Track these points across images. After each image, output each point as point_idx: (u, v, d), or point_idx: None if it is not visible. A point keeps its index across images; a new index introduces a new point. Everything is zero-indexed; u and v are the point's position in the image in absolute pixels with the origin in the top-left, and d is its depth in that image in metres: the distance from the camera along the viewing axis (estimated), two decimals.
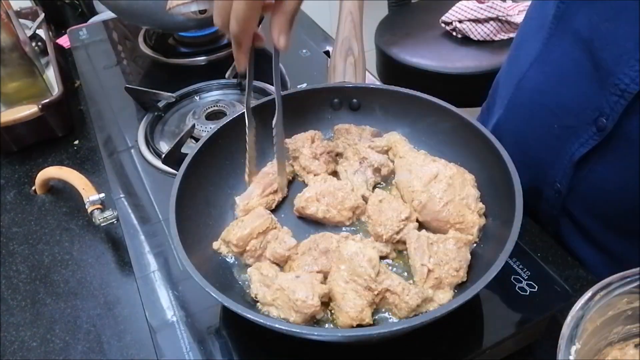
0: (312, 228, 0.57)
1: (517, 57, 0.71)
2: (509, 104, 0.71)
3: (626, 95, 0.52)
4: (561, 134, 0.61)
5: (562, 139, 0.61)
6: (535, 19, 0.66)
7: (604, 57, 0.53)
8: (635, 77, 0.50)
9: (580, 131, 0.58)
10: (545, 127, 0.63)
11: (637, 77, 0.50)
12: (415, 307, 0.46)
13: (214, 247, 0.55)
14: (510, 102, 0.71)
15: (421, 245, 0.50)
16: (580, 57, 0.57)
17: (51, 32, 1.10)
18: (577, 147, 0.59)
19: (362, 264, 0.47)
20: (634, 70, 0.50)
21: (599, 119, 0.55)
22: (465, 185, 0.54)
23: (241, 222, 0.55)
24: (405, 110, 0.65)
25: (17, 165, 0.85)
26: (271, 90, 0.88)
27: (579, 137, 0.59)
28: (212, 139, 0.60)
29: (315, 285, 0.47)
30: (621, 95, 0.52)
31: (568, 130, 0.60)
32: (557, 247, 0.63)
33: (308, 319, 0.46)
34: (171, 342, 0.51)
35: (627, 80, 0.51)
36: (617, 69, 0.52)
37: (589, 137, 0.58)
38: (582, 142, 0.59)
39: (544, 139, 0.60)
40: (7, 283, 0.66)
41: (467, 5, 1.49)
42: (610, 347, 0.44)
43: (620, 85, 0.52)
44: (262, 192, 0.59)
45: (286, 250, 0.53)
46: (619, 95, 0.52)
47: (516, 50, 0.73)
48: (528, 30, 0.69)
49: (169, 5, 0.85)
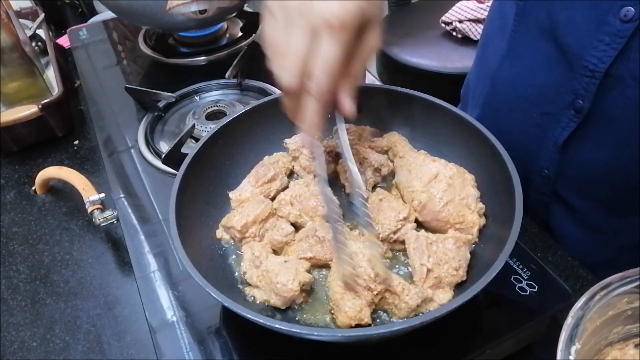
0: None
1: (484, 58, 0.74)
2: (485, 102, 0.73)
3: (596, 75, 0.54)
4: (542, 121, 0.63)
5: (544, 126, 0.63)
6: (497, 20, 0.69)
7: (569, 43, 0.56)
8: (601, 56, 0.53)
9: (560, 116, 0.60)
10: (526, 118, 0.65)
11: (603, 56, 0.53)
12: (415, 308, 0.46)
13: (217, 236, 0.56)
14: (487, 100, 0.72)
15: (420, 245, 0.50)
16: (546, 47, 0.59)
17: (51, 32, 1.10)
18: (560, 132, 0.61)
19: (362, 264, 0.47)
20: (599, 50, 0.53)
21: (576, 101, 0.58)
22: (465, 185, 0.54)
23: (242, 208, 0.55)
24: (405, 110, 0.65)
25: (17, 165, 0.85)
26: (271, 90, 0.88)
27: (559, 122, 0.61)
28: (212, 139, 0.59)
29: (299, 272, 0.48)
30: (592, 76, 0.55)
31: (548, 117, 0.62)
32: (557, 247, 0.63)
33: (287, 302, 0.48)
34: (171, 342, 0.51)
35: (595, 60, 0.54)
36: (584, 51, 0.54)
37: (569, 121, 0.60)
38: (563, 126, 0.60)
39: (526, 129, 0.62)
40: (7, 283, 0.66)
41: (467, 5, 1.49)
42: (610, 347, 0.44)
43: (589, 66, 0.54)
44: (255, 183, 0.59)
45: (284, 237, 0.54)
46: (590, 76, 0.55)
47: (482, 52, 0.75)
48: (491, 32, 0.71)
49: (169, 5, 0.85)
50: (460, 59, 1.46)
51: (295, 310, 0.50)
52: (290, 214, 0.56)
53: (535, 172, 0.68)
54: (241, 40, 1.03)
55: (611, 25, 0.52)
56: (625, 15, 0.51)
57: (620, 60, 0.53)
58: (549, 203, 0.70)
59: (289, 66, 0.42)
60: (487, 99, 0.73)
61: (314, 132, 0.45)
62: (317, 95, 0.42)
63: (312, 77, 0.41)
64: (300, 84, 0.42)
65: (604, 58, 0.53)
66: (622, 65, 0.53)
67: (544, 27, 0.59)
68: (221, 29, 1.07)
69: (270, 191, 0.59)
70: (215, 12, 0.89)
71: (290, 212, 0.56)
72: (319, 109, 0.43)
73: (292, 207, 0.56)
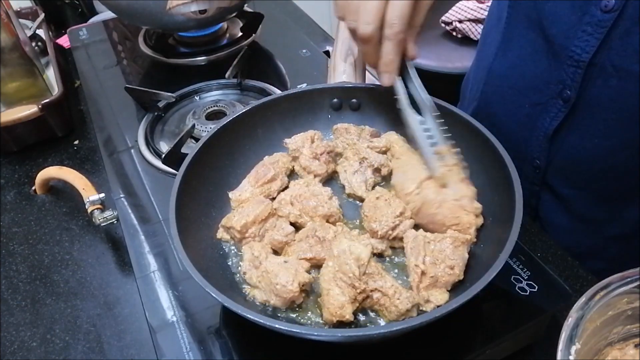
0: None
1: (482, 52, 0.76)
2: (482, 95, 0.75)
3: (581, 65, 0.57)
4: (532, 112, 0.65)
5: (534, 116, 0.65)
6: (494, 14, 0.71)
7: (554, 34, 0.58)
8: (584, 46, 0.55)
9: (549, 106, 0.62)
10: (517, 108, 0.67)
11: (586, 45, 0.55)
12: (404, 312, 0.46)
13: (217, 237, 0.56)
14: (483, 93, 0.75)
15: (417, 245, 0.50)
16: (535, 38, 0.62)
17: (51, 32, 1.10)
18: (549, 122, 0.63)
19: (348, 261, 0.47)
20: (582, 40, 0.55)
21: (564, 91, 0.60)
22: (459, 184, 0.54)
23: (241, 208, 0.55)
24: None
25: (17, 165, 0.85)
26: (271, 90, 0.88)
27: (548, 112, 0.63)
28: (212, 139, 0.60)
29: (299, 273, 0.48)
30: (577, 66, 0.57)
31: (538, 107, 0.64)
32: (557, 247, 0.63)
33: (287, 303, 0.48)
34: (171, 342, 0.51)
35: (579, 50, 0.56)
36: (568, 42, 0.57)
37: (557, 110, 0.62)
38: (552, 116, 0.63)
39: (518, 120, 0.64)
40: (7, 283, 0.66)
41: (467, 5, 1.49)
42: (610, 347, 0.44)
43: (574, 56, 0.57)
44: (255, 183, 0.59)
45: (284, 237, 0.54)
46: (575, 66, 0.57)
47: (482, 47, 0.77)
48: (489, 27, 0.74)
49: (169, 5, 0.85)
50: (460, 59, 1.46)
51: (295, 310, 0.50)
52: (290, 214, 0.56)
53: (526, 162, 0.70)
54: (241, 40, 1.03)
55: (593, 16, 0.54)
56: (605, 6, 0.53)
57: (603, 50, 0.55)
58: (538, 192, 0.72)
59: (367, 18, 0.51)
60: (482, 92, 0.75)
61: (393, 69, 0.55)
62: (394, 38, 0.52)
63: (389, 25, 0.51)
64: (377, 32, 0.52)
65: (587, 48, 0.55)
66: (604, 55, 0.55)
67: (532, 18, 0.61)
68: (221, 29, 1.07)
69: (270, 191, 0.59)
70: (215, 12, 0.89)
71: (290, 212, 0.56)
72: (396, 50, 0.53)
73: (292, 207, 0.56)
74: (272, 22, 1.10)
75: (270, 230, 0.55)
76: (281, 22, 1.14)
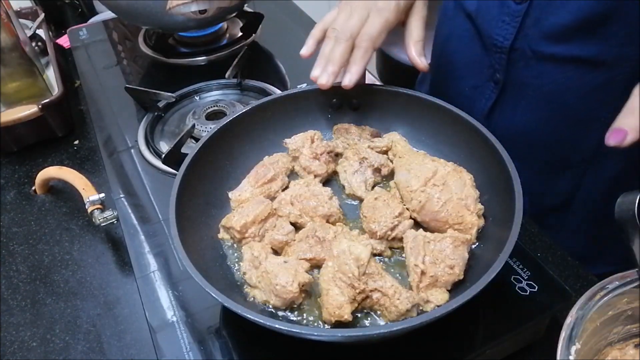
0: None
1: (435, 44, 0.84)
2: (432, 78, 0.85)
3: (504, 50, 0.64)
4: (472, 94, 0.72)
5: (473, 98, 0.72)
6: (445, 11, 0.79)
7: (482, 25, 0.66)
8: (505, 34, 0.63)
9: (484, 88, 0.70)
10: (459, 92, 0.75)
11: (506, 33, 0.63)
12: (404, 312, 0.46)
13: (217, 237, 0.56)
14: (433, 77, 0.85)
15: (417, 244, 0.50)
16: (470, 29, 0.70)
17: (51, 32, 1.10)
18: (484, 102, 0.70)
19: (348, 262, 0.47)
20: (502, 29, 0.63)
21: (494, 75, 0.67)
22: (464, 185, 0.54)
23: (241, 208, 0.55)
24: (405, 110, 0.65)
25: (17, 165, 0.85)
26: (271, 90, 0.88)
27: (484, 93, 0.70)
28: (212, 139, 0.60)
29: (299, 273, 0.48)
30: (501, 52, 0.64)
31: (476, 90, 0.71)
32: (557, 247, 0.63)
33: (287, 303, 0.48)
34: (171, 342, 0.51)
35: (501, 38, 0.63)
36: (492, 31, 0.64)
37: (490, 92, 0.69)
38: (487, 97, 0.70)
39: (461, 102, 0.67)
40: (7, 283, 0.66)
41: None
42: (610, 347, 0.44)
43: (497, 43, 0.64)
44: (255, 183, 0.59)
45: (284, 237, 0.54)
46: (500, 52, 0.64)
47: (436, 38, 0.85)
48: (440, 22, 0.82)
49: (169, 5, 0.85)
50: None
51: (295, 310, 0.50)
52: (291, 214, 0.56)
53: None
54: (241, 40, 1.03)
55: (509, 7, 0.61)
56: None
57: (520, 37, 0.62)
58: None
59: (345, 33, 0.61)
60: (432, 76, 0.84)
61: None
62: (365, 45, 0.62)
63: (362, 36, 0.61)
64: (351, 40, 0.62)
65: (507, 35, 0.63)
66: (522, 41, 0.62)
67: (467, 13, 0.69)
68: (221, 29, 1.07)
69: (270, 191, 0.59)
70: (215, 12, 0.89)
71: (290, 212, 0.56)
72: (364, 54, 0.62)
73: (292, 207, 0.56)
74: (272, 22, 1.10)
75: (270, 230, 0.55)
76: (281, 22, 1.14)
